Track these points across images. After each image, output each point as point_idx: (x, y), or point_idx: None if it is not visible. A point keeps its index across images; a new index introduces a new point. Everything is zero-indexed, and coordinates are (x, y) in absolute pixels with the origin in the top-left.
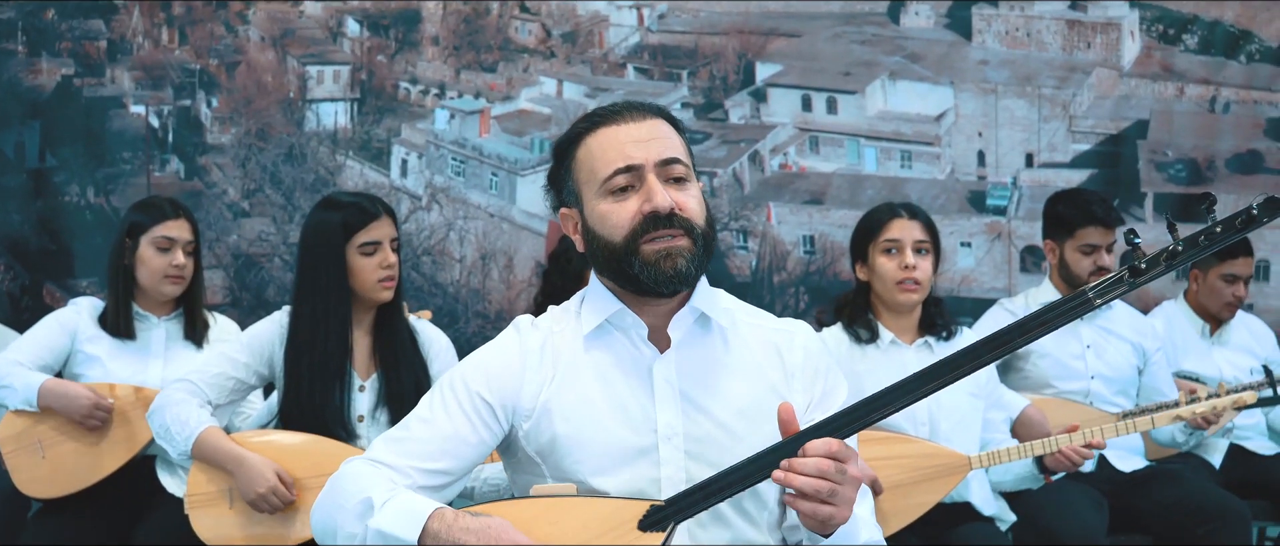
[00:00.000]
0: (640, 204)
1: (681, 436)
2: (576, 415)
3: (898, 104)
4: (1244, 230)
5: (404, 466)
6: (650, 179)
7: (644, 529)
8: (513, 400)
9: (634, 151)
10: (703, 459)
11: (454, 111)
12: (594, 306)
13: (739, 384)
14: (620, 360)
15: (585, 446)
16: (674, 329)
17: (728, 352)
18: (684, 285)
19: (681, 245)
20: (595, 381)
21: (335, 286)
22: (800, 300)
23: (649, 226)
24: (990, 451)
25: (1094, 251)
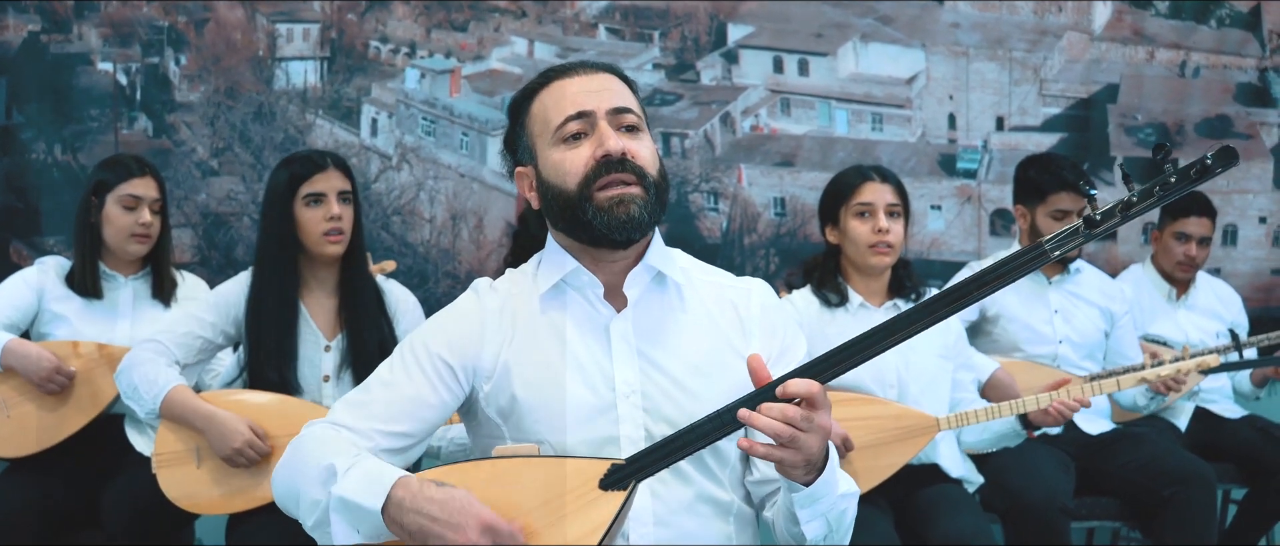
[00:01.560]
0: (593, 150)
1: (639, 394)
2: (535, 375)
3: (869, 66)
4: (1198, 180)
5: (366, 429)
6: (602, 125)
7: (605, 487)
8: (473, 362)
9: (586, 100)
10: (661, 415)
11: (424, 71)
12: (550, 266)
13: (695, 340)
14: (577, 319)
15: (544, 406)
16: (629, 287)
17: (684, 310)
18: (637, 232)
19: (634, 192)
20: (553, 341)
21: (283, 241)
22: (771, 262)
23: (601, 171)
24: (958, 413)
25: (1065, 216)
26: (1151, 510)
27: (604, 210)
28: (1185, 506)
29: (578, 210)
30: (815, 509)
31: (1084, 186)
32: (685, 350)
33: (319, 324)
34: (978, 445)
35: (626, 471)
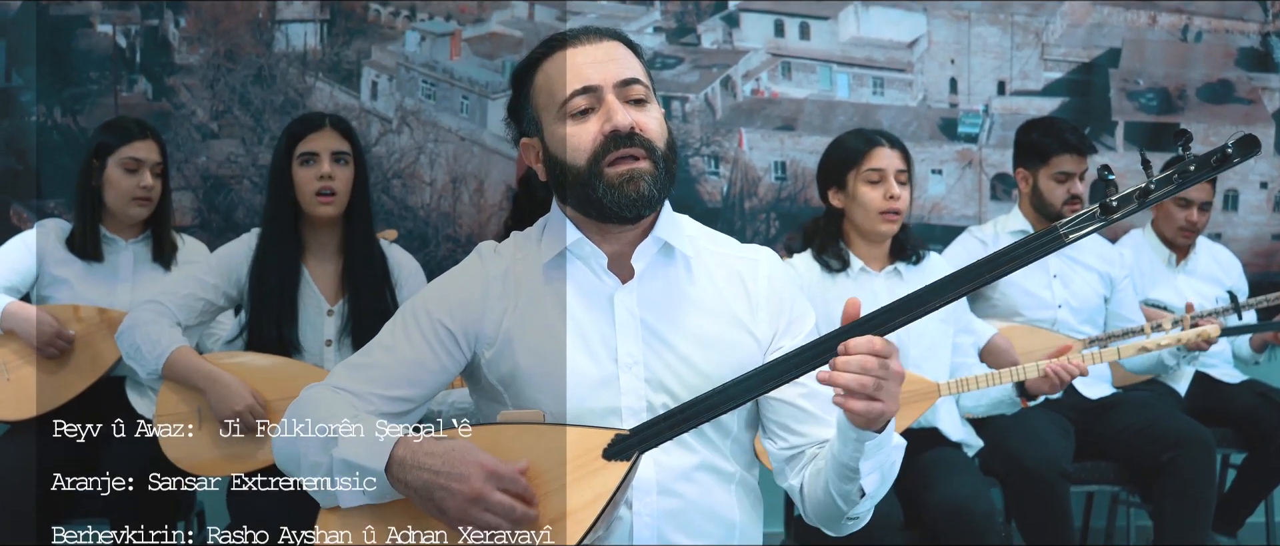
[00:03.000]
0: (601, 125)
1: (642, 366)
2: (537, 344)
3: (871, 30)
4: (1218, 169)
5: (366, 392)
6: (609, 99)
7: (609, 457)
8: (475, 327)
9: (592, 73)
10: (663, 387)
11: (424, 34)
12: (554, 235)
13: (701, 314)
14: (581, 289)
15: (546, 375)
16: (638, 259)
17: (691, 283)
18: (647, 209)
19: (643, 167)
20: (556, 310)
21: (281, 202)
22: (771, 226)
23: (610, 147)
24: (959, 378)
25: (1068, 179)
26: (1151, 474)
27: (614, 187)
28: (1184, 471)
29: (588, 187)
30: (878, 457)
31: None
32: (690, 323)
33: (321, 287)
34: (974, 410)
35: (631, 441)
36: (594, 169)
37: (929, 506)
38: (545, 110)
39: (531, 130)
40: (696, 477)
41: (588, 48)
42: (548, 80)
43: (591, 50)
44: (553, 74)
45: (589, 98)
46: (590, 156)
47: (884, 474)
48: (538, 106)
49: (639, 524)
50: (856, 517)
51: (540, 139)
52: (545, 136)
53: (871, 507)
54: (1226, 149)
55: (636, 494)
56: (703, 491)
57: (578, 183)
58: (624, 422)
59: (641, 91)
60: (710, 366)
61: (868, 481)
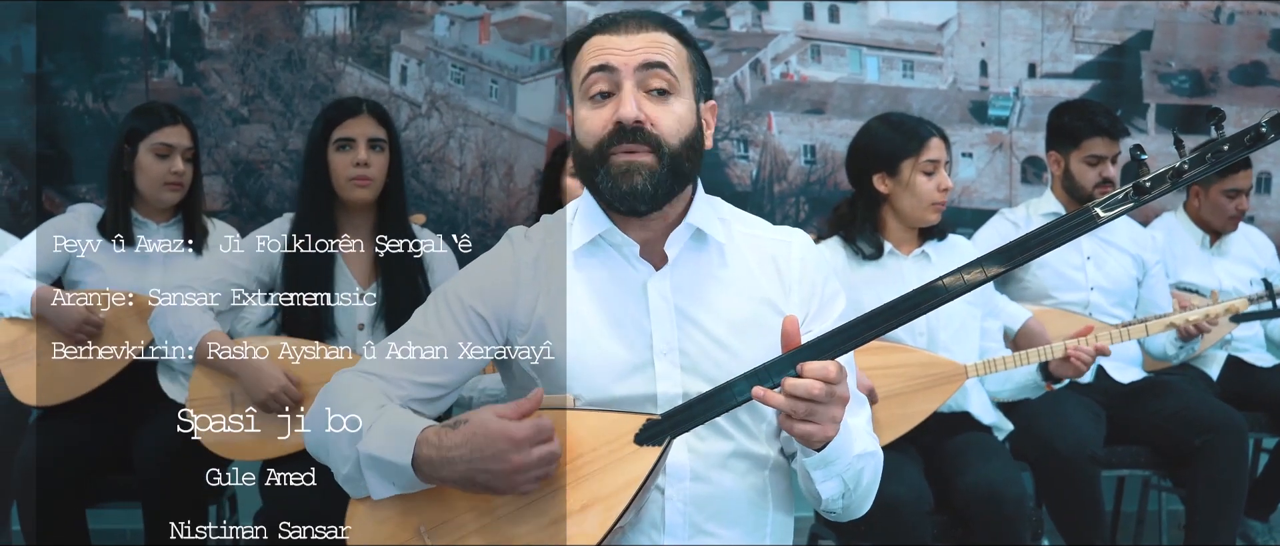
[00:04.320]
0: (613, 112)
1: (677, 352)
2: (572, 332)
3: (900, 13)
4: (1252, 148)
5: (397, 377)
6: (626, 86)
7: (641, 442)
8: (507, 314)
9: (614, 56)
10: (699, 373)
11: (454, 18)
12: (585, 221)
13: (735, 298)
14: (614, 276)
15: (580, 362)
16: (670, 246)
17: (724, 267)
18: (642, 204)
19: (643, 161)
20: (590, 298)
21: (319, 187)
22: (800, 210)
23: (616, 138)
24: (987, 360)
25: (1099, 162)
26: (1182, 458)
27: (613, 177)
28: (1216, 455)
29: (593, 173)
30: (829, 471)
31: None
32: (724, 308)
33: (355, 272)
34: (998, 394)
35: (662, 426)
36: (599, 155)
37: (959, 490)
38: (576, 88)
39: (570, 105)
40: (730, 463)
41: (623, 35)
42: (581, 58)
43: (626, 36)
44: (585, 52)
45: (607, 79)
46: (598, 142)
47: (846, 482)
48: (573, 84)
49: (670, 508)
50: (832, 511)
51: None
52: (574, 114)
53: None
54: (1260, 127)
55: (669, 479)
56: (736, 477)
57: (586, 166)
58: (659, 409)
59: (664, 81)
60: (745, 350)
61: (824, 487)
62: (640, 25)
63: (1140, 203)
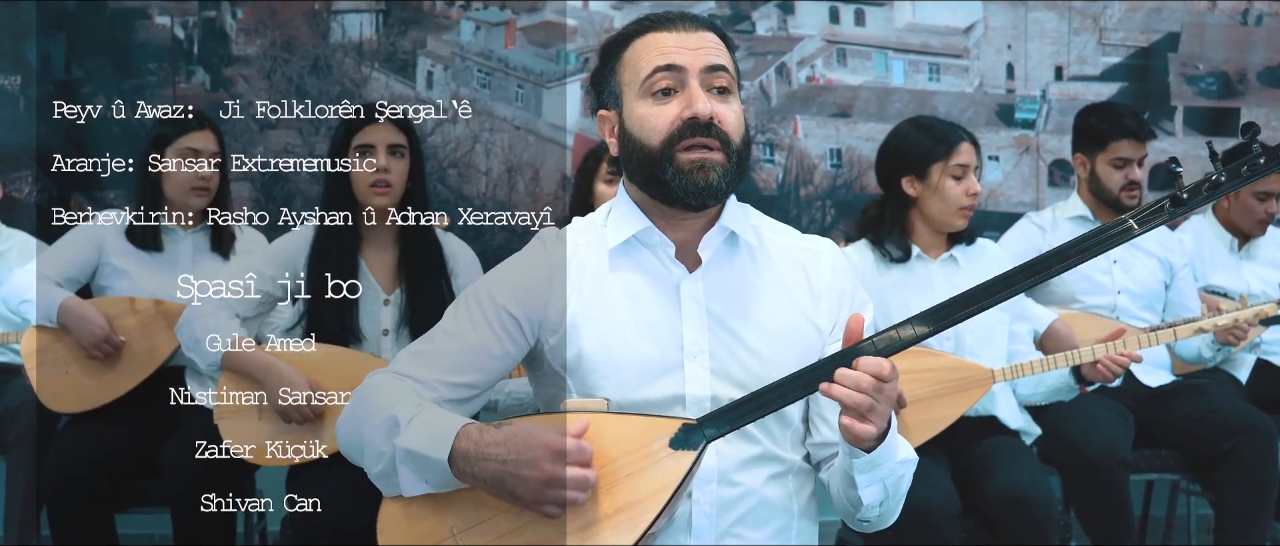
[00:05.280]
0: (681, 109)
1: (707, 355)
2: (603, 331)
3: (926, 16)
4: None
5: (430, 379)
6: (693, 84)
7: (676, 447)
8: (539, 314)
9: (679, 54)
10: (727, 376)
11: (479, 23)
12: (621, 221)
13: (766, 304)
14: (648, 277)
15: (611, 362)
16: (704, 248)
17: (756, 273)
18: (713, 200)
19: (716, 158)
20: (622, 298)
21: (340, 194)
22: (827, 214)
23: (686, 133)
24: (1014, 364)
25: (1126, 165)
26: (1211, 462)
27: (683, 173)
28: (1245, 458)
29: (657, 169)
30: (874, 474)
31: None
32: (754, 312)
33: (378, 277)
34: (1031, 398)
35: (698, 431)
36: (666, 152)
37: (987, 494)
38: (628, 86)
39: (611, 103)
40: (757, 467)
41: (681, 33)
42: (635, 56)
43: (684, 36)
44: (641, 50)
45: (672, 78)
46: (665, 138)
47: (888, 488)
48: (621, 81)
49: (697, 512)
50: (867, 520)
51: (619, 114)
52: (624, 112)
53: (881, 515)
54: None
55: (697, 482)
56: (762, 480)
57: (648, 163)
58: (688, 410)
59: (726, 81)
60: (775, 356)
61: (866, 493)
62: (695, 25)
63: (1175, 214)
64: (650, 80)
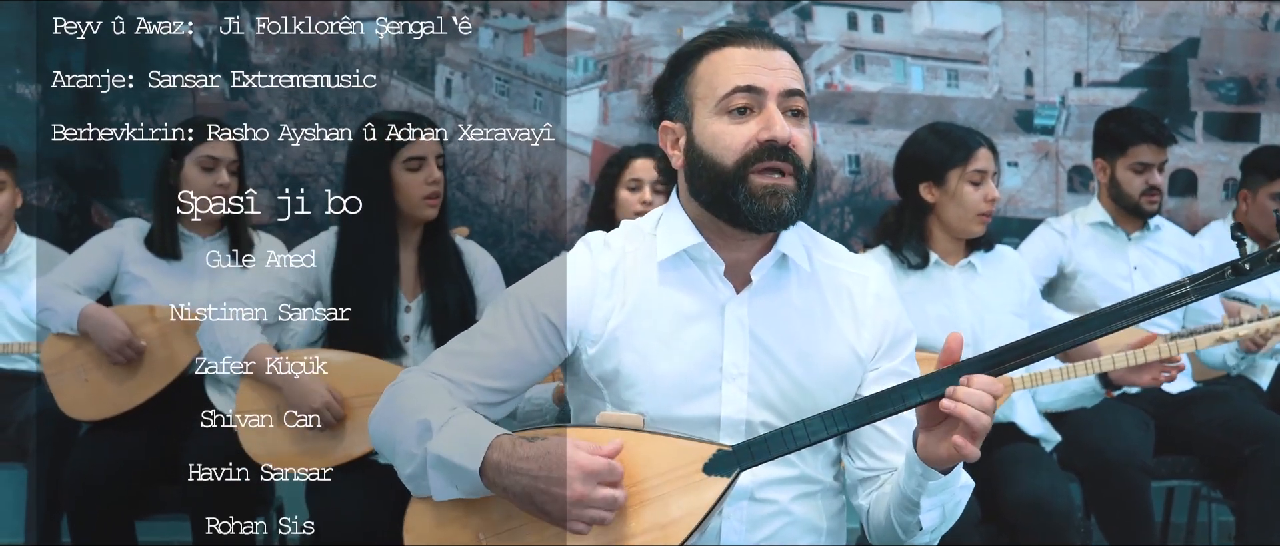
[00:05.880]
0: (758, 130)
1: (746, 377)
2: (643, 347)
3: (945, 22)
4: None
5: (464, 380)
6: (770, 107)
7: (709, 472)
8: (580, 323)
9: (761, 75)
10: (764, 401)
11: (498, 30)
12: (672, 233)
13: (810, 332)
14: (694, 294)
15: (649, 379)
16: (757, 270)
17: (803, 297)
18: (782, 226)
19: (788, 184)
20: (666, 313)
21: (381, 203)
22: (845, 220)
23: (762, 156)
24: (1033, 372)
25: (1146, 170)
26: (1232, 469)
27: (756, 197)
28: (1267, 465)
29: (729, 189)
30: (939, 498)
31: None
32: (798, 339)
33: (401, 284)
34: (1054, 404)
35: (732, 459)
36: (740, 173)
37: (1007, 502)
38: (701, 100)
39: (678, 115)
40: (788, 487)
41: (761, 51)
42: (712, 70)
43: (764, 54)
44: (720, 64)
45: (751, 98)
46: (739, 159)
47: (946, 512)
48: (693, 94)
49: (728, 528)
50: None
51: (687, 126)
52: (694, 126)
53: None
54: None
55: (728, 499)
56: (793, 499)
57: (718, 182)
58: (722, 432)
59: (802, 105)
60: (814, 383)
61: (927, 517)
62: (773, 43)
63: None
64: (728, 99)
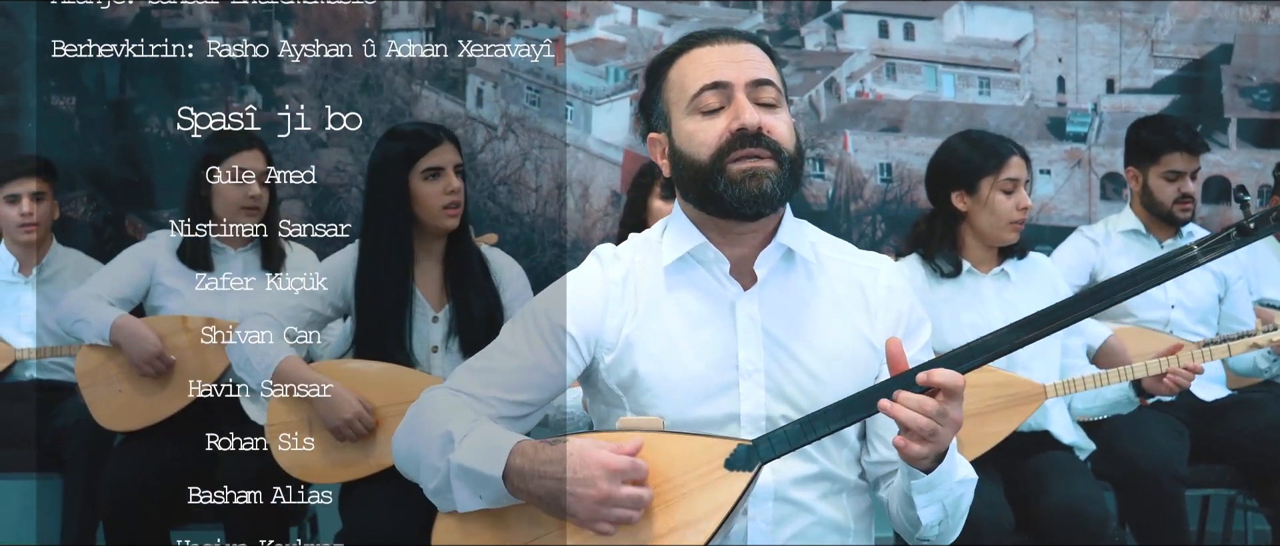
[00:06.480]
0: (728, 122)
1: (762, 373)
2: (657, 350)
3: (976, 30)
4: None
5: (486, 395)
6: (739, 98)
7: (731, 468)
8: (595, 333)
9: (725, 70)
10: (782, 395)
11: (529, 40)
12: (676, 237)
13: (822, 323)
14: (702, 295)
15: (665, 381)
16: (760, 265)
17: (813, 291)
18: (768, 207)
19: (768, 166)
20: (677, 316)
21: (399, 215)
22: (877, 229)
23: (736, 145)
24: (1066, 380)
25: (1178, 178)
26: (1268, 477)
27: (736, 183)
28: None
29: (709, 182)
30: (933, 494)
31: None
32: (810, 331)
33: (426, 295)
34: (1088, 412)
35: (753, 453)
36: (717, 164)
37: (1041, 510)
38: (675, 105)
39: (660, 125)
40: (813, 485)
41: (724, 47)
42: (681, 75)
43: (727, 49)
44: (686, 69)
45: (719, 94)
46: (714, 152)
47: (947, 509)
48: (668, 101)
49: (753, 529)
50: (926, 538)
51: (667, 134)
52: (672, 131)
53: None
54: None
55: (753, 500)
56: (818, 498)
57: (699, 177)
58: (743, 429)
59: (773, 95)
60: (830, 376)
61: (925, 513)
62: (736, 38)
63: (1242, 244)
64: (698, 98)
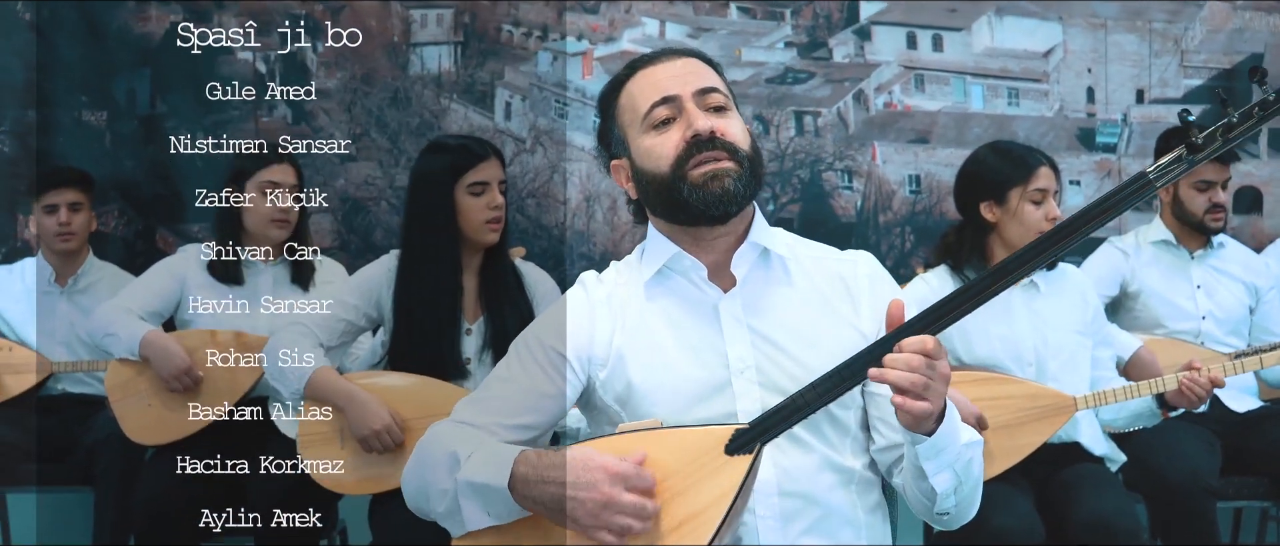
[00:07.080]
0: (682, 131)
1: (754, 370)
2: (648, 360)
3: (1005, 40)
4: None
5: (487, 423)
6: (689, 107)
7: (731, 452)
8: (586, 350)
9: (671, 84)
10: (777, 388)
11: (557, 54)
12: (652, 253)
13: (807, 316)
14: (684, 302)
15: (661, 388)
16: (737, 266)
17: (791, 285)
18: (733, 206)
19: (727, 166)
20: (663, 325)
21: (444, 228)
22: (906, 240)
23: (693, 151)
24: (1096, 392)
25: (1209, 188)
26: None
27: (698, 187)
28: None
29: (673, 191)
30: (941, 460)
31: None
32: (794, 322)
33: (462, 307)
34: (1114, 423)
35: (751, 434)
36: (678, 173)
37: (1072, 522)
38: (630, 127)
39: (620, 151)
40: (816, 477)
41: (667, 63)
42: (631, 98)
43: (670, 65)
44: (634, 91)
45: (670, 107)
46: (673, 162)
47: (958, 474)
48: (623, 125)
49: (763, 527)
50: (945, 512)
51: (628, 157)
52: (632, 152)
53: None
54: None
55: (757, 496)
56: (823, 489)
57: (663, 189)
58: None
59: (721, 99)
60: (821, 364)
61: (937, 480)
62: (674, 54)
63: (1193, 162)
64: (650, 115)
